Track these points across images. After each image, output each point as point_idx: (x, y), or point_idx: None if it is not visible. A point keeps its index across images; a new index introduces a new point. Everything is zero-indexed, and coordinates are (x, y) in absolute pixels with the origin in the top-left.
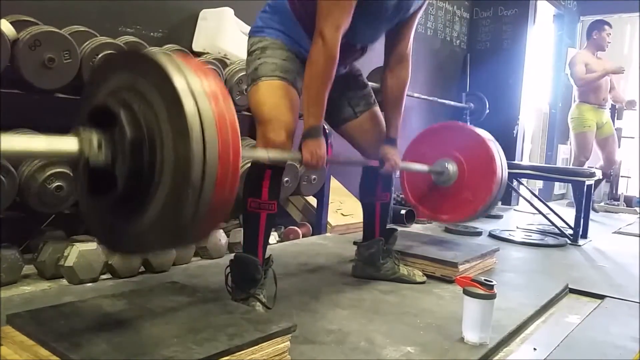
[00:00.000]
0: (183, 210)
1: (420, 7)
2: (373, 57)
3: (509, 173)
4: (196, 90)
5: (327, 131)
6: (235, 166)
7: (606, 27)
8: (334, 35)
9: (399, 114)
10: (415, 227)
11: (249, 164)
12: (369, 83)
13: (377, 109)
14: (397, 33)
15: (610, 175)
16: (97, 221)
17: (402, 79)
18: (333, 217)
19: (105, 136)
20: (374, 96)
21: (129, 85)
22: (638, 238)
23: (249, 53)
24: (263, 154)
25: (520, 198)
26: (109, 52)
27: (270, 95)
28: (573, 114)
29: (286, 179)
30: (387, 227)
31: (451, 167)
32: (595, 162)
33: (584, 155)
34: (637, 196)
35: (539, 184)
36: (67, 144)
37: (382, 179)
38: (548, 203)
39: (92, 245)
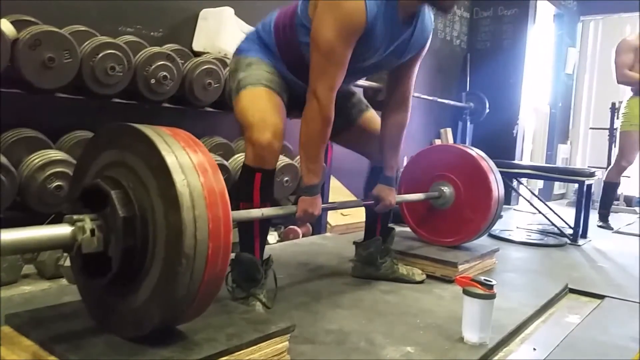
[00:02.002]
0: (177, 285)
1: (419, 53)
2: None
3: (509, 173)
4: (185, 165)
5: None
6: (227, 240)
7: None
8: (328, 95)
9: (396, 154)
10: None
11: (241, 168)
12: (367, 83)
13: (371, 112)
14: (398, 75)
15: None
16: (94, 303)
17: (400, 121)
18: (333, 217)
19: (98, 219)
20: (365, 101)
21: (119, 162)
22: (638, 238)
23: (233, 70)
24: (257, 214)
25: (520, 198)
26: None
27: (255, 100)
28: (623, 108)
29: (286, 178)
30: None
31: (447, 189)
32: (596, 163)
33: (625, 158)
34: (637, 196)
35: (539, 183)
36: (60, 232)
37: None
38: (548, 203)
39: None
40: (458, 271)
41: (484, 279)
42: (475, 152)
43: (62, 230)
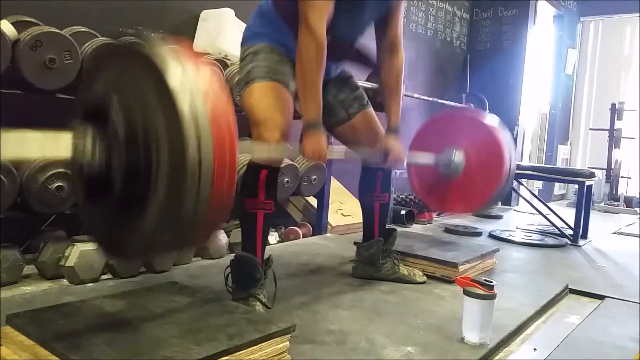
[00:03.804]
0: (183, 206)
1: None
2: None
3: None
4: (190, 86)
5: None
6: (232, 160)
7: None
8: (319, 22)
9: (398, 103)
10: (415, 228)
11: (245, 168)
12: (368, 84)
13: (371, 110)
14: (385, 23)
15: None
16: (97, 228)
17: (396, 67)
18: (333, 218)
19: (100, 137)
20: (366, 98)
21: (122, 81)
22: (638, 238)
23: (241, 59)
24: (264, 149)
25: (520, 198)
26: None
27: (264, 96)
28: None
29: (286, 179)
30: (387, 227)
31: (458, 156)
32: (596, 164)
33: None
34: (637, 196)
35: (539, 184)
36: (62, 150)
37: (381, 179)
38: (548, 203)
39: (93, 246)
40: (458, 271)
41: (485, 280)
42: (490, 120)
43: (64, 152)
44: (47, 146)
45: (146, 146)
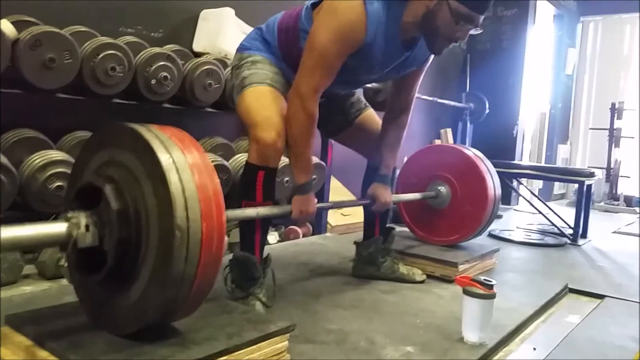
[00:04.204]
0: (172, 273)
1: (420, 68)
2: None
3: (509, 173)
4: (179, 163)
5: None
6: (220, 229)
7: None
8: (311, 95)
9: (394, 155)
10: None
11: (243, 169)
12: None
13: (369, 112)
14: (401, 85)
15: None
16: (89, 300)
17: (401, 125)
18: (333, 217)
19: (93, 215)
20: (364, 100)
21: (111, 160)
22: (638, 238)
23: (237, 67)
24: (252, 212)
25: (520, 198)
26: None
27: (259, 98)
28: None
29: (286, 178)
30: (386, 226)
31: (443, 189)
32: (596, 163)
33: None
34: (637, 196)
35: (539, 183)
36: (56, 229)
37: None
38: (548, 203)
39: None
40: (458, 271)
41: (484, 279)
42: (471, 151)
43: (58, 227)
44: (41, 230)
45: (136, 220)
